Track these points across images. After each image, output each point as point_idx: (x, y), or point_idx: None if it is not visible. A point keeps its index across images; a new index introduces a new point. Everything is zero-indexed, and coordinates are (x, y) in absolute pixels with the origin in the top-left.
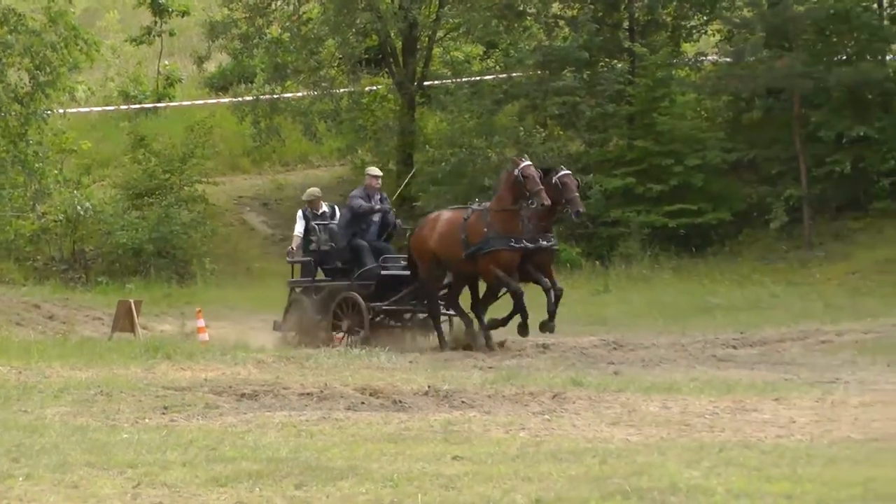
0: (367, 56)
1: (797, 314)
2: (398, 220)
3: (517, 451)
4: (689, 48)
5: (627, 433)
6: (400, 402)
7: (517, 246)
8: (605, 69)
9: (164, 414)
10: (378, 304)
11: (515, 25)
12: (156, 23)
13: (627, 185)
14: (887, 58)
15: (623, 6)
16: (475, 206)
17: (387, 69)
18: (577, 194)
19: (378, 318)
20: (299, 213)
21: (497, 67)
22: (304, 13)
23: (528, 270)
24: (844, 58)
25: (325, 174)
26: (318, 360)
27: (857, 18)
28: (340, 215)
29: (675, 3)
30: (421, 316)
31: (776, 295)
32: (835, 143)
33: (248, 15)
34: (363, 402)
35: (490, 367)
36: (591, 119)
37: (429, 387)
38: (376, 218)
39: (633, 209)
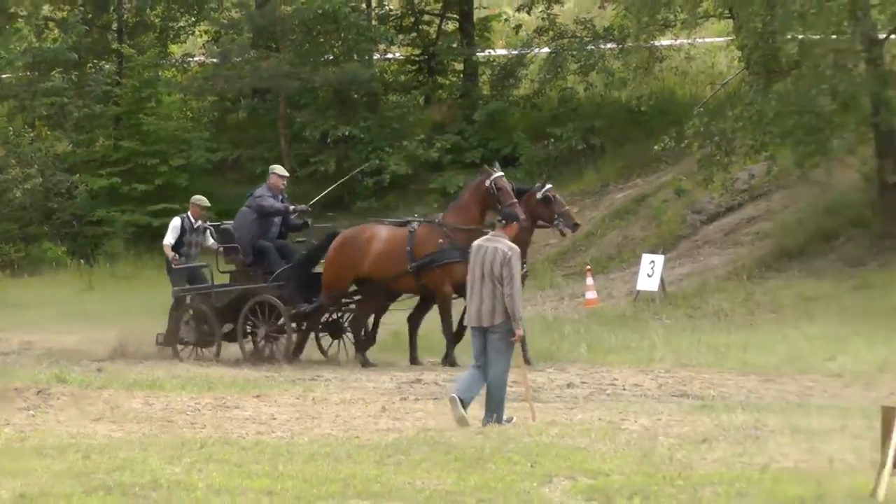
0: None
1: None
2: (309, 220)
3: (2, 446)
4: (176, 49)
5: (110, 429)
6: None
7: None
8: (94, 70)
9: None
10: (303, 305)
11: (7, 27)
12: None
13: (113, 185)
14: (374, 58)
15: (112, 8)
16: (419, 222)
17: None
18: (568, 208)
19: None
20: (176, 221)
21: None
22: None
23: None
24: (331, 58)
25: None
26: None
27: (346, 19)
28: (241, 214)
29: (163, 5)
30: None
31: None
32: (320, 143)
33: None
34: None
35: None
36: (79, 119)
37: None
38: (277, 220)
39: (118, 209)
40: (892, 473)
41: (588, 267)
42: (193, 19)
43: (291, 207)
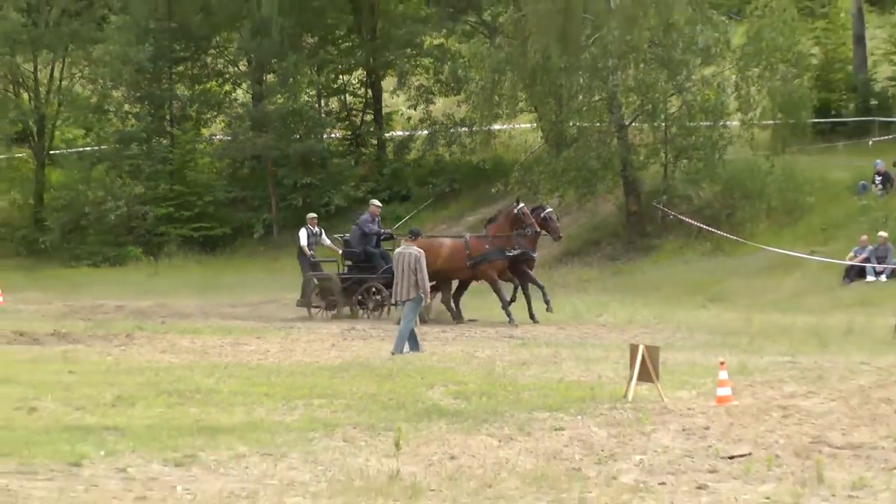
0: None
1: (277, 288)
2: (390, 231)
3: (106, 368)
4: (205, 131)
5: (171, 358)
6: (37, 339)
7: (509, 255)
8: (156, 144)
9: None
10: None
11: (101, 117)
12: None
13: (169, 213)
14: (324, 136)
15: (166, 105)
16: (469, 236)
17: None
18: (558, 224)
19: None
20: (303, 231)
21: (92, 142)
22: None
23: (523, 270)
24: (298, 137)
25: None
26: None
27: (307, 113)
28: (353, 231)
29: (196, 105)
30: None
31: (261, 279)
32: (293, 188)
33: None
34: (16, 339)
35: (89, 319)
36: (149, 173)
37: (54, 330)
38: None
39: (173, 226)
40: (636, 385)
41: None
42: (215, 113)
43: (383, 231)
